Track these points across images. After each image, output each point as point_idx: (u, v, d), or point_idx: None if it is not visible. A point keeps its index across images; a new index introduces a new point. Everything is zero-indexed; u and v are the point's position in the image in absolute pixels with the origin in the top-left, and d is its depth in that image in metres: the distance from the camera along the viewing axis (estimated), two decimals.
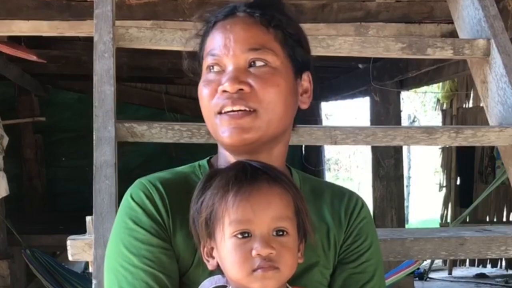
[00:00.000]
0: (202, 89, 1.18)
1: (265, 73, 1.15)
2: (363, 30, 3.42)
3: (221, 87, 1.14)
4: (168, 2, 3.21)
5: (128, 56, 5.26)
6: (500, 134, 1.90)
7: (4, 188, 4.81)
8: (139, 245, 1.13)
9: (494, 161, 7.36)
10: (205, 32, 1.23)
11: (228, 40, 1.16)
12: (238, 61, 1.15)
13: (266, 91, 1.14)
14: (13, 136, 5.52)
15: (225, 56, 1.16)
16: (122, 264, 1.13)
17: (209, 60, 1.18)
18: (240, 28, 1.17)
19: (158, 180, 1.19)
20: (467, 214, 6.47)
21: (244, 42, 1.15)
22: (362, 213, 1.25)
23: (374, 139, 1.87)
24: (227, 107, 1.14)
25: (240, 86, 1.13)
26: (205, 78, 1.18)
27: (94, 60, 1.81)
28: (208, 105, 1.17)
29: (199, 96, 1.20)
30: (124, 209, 1.18)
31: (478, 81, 2.15)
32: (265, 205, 1.06)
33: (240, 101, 1.13)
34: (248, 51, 1.15)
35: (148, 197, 1.17)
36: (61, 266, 4.98)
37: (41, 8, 3.21)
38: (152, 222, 1.14)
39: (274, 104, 1.15)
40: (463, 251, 1.72)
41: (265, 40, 1.16)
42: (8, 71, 5.77)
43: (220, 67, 1.16)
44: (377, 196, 5.60)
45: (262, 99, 1.14)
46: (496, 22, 2.10)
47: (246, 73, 1.15)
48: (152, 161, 6.98)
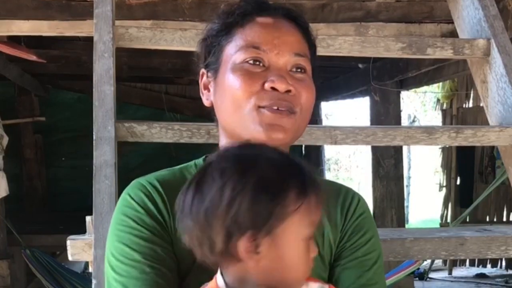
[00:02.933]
0: (237, 77, 1.15)
1: (305, 79, 1.18)
2: (363, 30, 3.42)
3: (270, 83, 1.14)
4: (168, 2, 3.21)
5: (128, 56, 5.26)
6: (500, 134, 1.90)
7: (4, 188, 4.81)
8: (141, 242, 1.11)
9: (494, 161, 7.37)
10: (233, 21, 1.20)
11: (277, 39, 1.16)
12: (285, 62, 1.16)
13: (306, 96, 1.17)
14: (13, 136, 5.52)
15: (272, 53, 1.16)
16: (122, 260, 1.11)
17: (250, 53, 1.16)
18: (287, 30, 1.19)
19: (156, 180, 1.18)
20: (467, 214, 6.47)
21: (292, 46, 1.17)
22: (359, 210, 1.24)
23: (374, 139, 1.87)
24: (274, 105, 1.14)
25: (289, 88, 1.14)
26: (242, 67, 1.16)
27: (94, 60, 1.81)
28: (244, 95, 1.15)
29: (227, 83, 1.16)
30: (123, 209, 1.16)
31: (478, 81, 2.15)
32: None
33: (286, 102, 1.14)
34: (294, 55, 1.17)
35: (148, 197, 1.16)
36: (61, 266, 4.98)
37: (41, 8, 3.21)
38: (154, 223, 1.13)
39: (308, 110, 1.19)
40: (463, 251, 1.72)
41: (305, 48, 1.20)
42: (8, 71, 5.77)
43: (262, 63, 1.16)
44: (377, 196, 5.60)
45: (302, 104, 1.17)
46: (496, 22, 2.10)
47: (290, 76, 1.16)
48: (152, 161, 6.97)
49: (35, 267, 4.83)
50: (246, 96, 1.14)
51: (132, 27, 1.98)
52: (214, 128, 1.75)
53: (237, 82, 1.15)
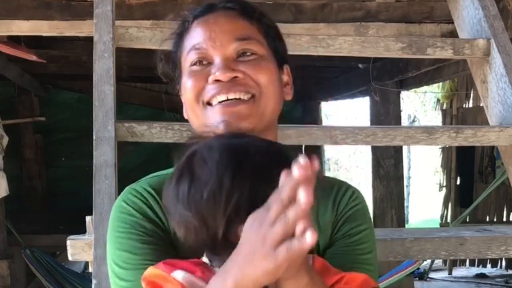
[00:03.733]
0: (186, 81, 1.16)
1: (256, 60, 1.16)
2: (363, 30, 3.42)
3: (212, 76, 1.13)
4: (168, 2, 3.21)
5: (128, 56, 5.26)
6: (500, 134, 1.90)
7: (4, 188, 4.81)
8: (143, 246, 1.10)
9: (494, 161, 7.37)
10: (182, 30, 1.22)
11: (214, 32, 1.15)
12: (226, 51, 1.15)
13: (260, 75, 1.14)
14: (13, 136, 5.52)
15: (211, 48, 1.15)
16: (123, 266, 1.10)
17: (193, 55, 1.16)
18: (225, 20, 1.17)
19: (148, 185, 1.17)
20: (467, 214, 6.47)
21: (231, 33, 1.15)
22: (352, 202, 1.20)
23: (374, 139, 1.87)
24: (220, 96, 1.12)
25: (234, 74, 1.13)
26: (190, 71, 1.16)
27: (94, 60, 1.81)
28: (195, 97, 1.15)
29: (183, 91, 1.18)
30: (119, 216, 1.14)
31: (478, 81, 2.15)
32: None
33: (236, 88, 1.12)
34: (236, 40, 1.15)
35: (144, 202, 1.14)
36: (61, 266, 4.98)
37: (41, 8, 3.21)
38: (154, 227, 1.12)
39: (269, 87, 1.15)
40: (463, 251, 1.72)
41: (251, 31, 1.17)
42: (8, 71, 5.77)
43: (207, 60, 1.16)
44: (377, 196, 5.60)
45: (258, 83, 1.14)
46: (496, 22, 2.10)
47: (236, 62, 1.14)
48: (152, 161, 6.97)
49: (35, 267, 4.84)
50: (194, 96, 1.15)
51: (132, 27, 1.98)
52: None
53: (187, 86, 1.17)
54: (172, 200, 1.00)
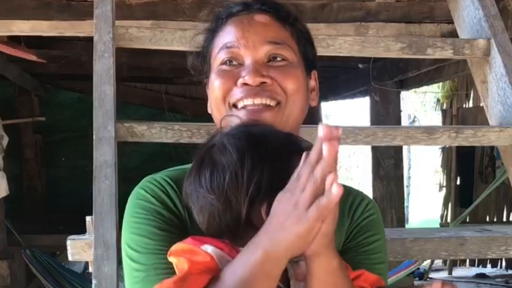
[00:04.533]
0: (214, 80, 1.16)
1: (286, 67, 1.15)
2: (363, 30, 3.42)
3: (241, 79, 1.13)
4: (168, 2, 3.21)
5: (128, 56, 5.26)
6: (500, 134, 1.90)
7: (4, 188, 4.82)
8: (159, 232, 1.10)
9: (494, 161, 7.36)
10: (215, 27, 1.21)
11: (247, 33, 1.15)
12: (257, 54, 1.15)
13: (288, 82, 1.14)
14: (13, 136, 5.53)
15: (243, 48, 1.15)
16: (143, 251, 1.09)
17: (224, 54, 1.16)
18: (259, 22, 1.17)
19: (167, 177, 1.18)
20: (467, 214, 6.47)
21: (264, 35, 1.15)
22: (367, 212, 1.22)
23: (374, 139, 1.87)
24: (246, 101, 1.13)
25: (263, 79, 1.13)
26: (219, 69, 1.16)
27: (94, 60, 1.81)
28: (222, 97, 1.15)
29: (210, 89, 1.18)
30: (138, 201, 1.14)
31: (478, 81, 2.15)
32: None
33: (263, 93, 1.12)
34: (268, 44, 1.15)
35: (163, 191, 1.15)
36: (61, 266, 4.98)
37: (41, 8, 3.22)
38: (171, 215, 1.12)
39: (296, 96, 1.15)
40: (463, 251, 1.72)
41: (284, 36, 1.17)
42: (8, 71, 5.77)
43: (237, 61, 1.15)
44: (377, 196, 5.60)
45: (285, 90, 1.14)
46: (496, 22, 2.10)
47: (266, 67, 1.14)
48: (152, 161, 6.97)
49: (35, 267, 4.84)
50: (221, 96, 1.15)
51: (132, 27, 1.98)
52: (214, 128, 1.76)
53: (215, 83, 1.16)
54: (194, 187, 1.02)
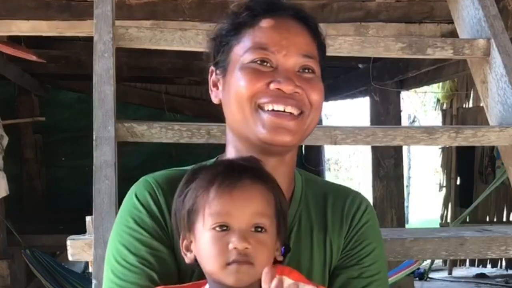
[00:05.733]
0: (242, 76, 1.15)
1: (313, 80, 1.18)
2: (363, 30, 3.42)
3: (275, 84, 1.13)
4: (168, 2, 3.21)
5: (128, 56, 5.27)
6: (500, 134, 1.90)
7: (4, 188, 4.81)
8: (139, 246, 1.13)
9: (494, 161, 7.36)
10: (246, 20, 1.19)
11: (286, 40, 1.16)
12: (291, 63, 1.16)
13: (315, 94, 1.17)
14: (13, 136, 5.52)
15: (278, 53, 1.15)
16: (120, 261, 1.13)
17: (257, 54, 1.16)
18: (295, 31, 1.18)
19: (164, 179, 1.19)
20: (467, 214, 6.47)
21: (300, 47, 1.17)
22: (365, 217, 1.23)
23: (374, 139, 1.87)
24: (277, 106, 1.13)
25: (296, 89, 1.14)
26: (249, 67, 1.15)
27: (94, 60, 1.81)
28: (249, 96, 1.14)
29: (233, 81, 1.17)
30: (128, 207, 1.17)
31: (478, 81, 2.15)
32: (246, 200, 1.06)
33: (293, 102, 1.14)
34: (302, 56, 1.17)
35: (153, 198, 1.16)
36: (61, 266, 4.98)
37: (41, 8, 3.22)
38: (155, 225, 1.14)
39: (317, 110, 1.18)
40: (463, 251, 1.72)
41: (313, 49, 1.20)
42: (8, 71, 5.77)
43: (270, 63, 1.15)
44: (377, 196, 5.60)
45: (311, 102, 1.16)
46: (496, 22, 2.10)
47: (297, 77, 1.16)
48: (152, 161, 6.97)
49: (35, 267, 4.84)
50: (248, 94, 1.14)
51: (132, 27, 1.98)
52: (214, 128, 1.76)
53: (243, 80, 1.15)
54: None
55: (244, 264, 1.03)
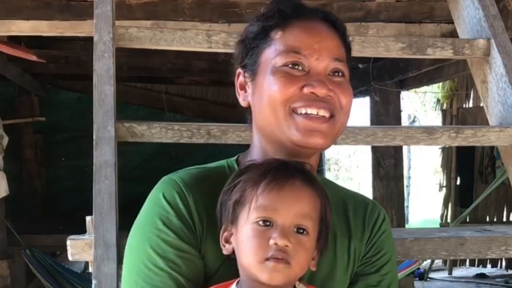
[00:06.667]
0: (277, 79, 1.15)
1: (344, 84, 1.19)
2: (363, 30, 3.42)
3: (309, 88, 1.14)
4: (168, 2, 3.21)
5: (128, 56, 5.27)
6: (500, 134, 1.90)
7: (4, 188, 4.81)
8: (166, 248, 1.12)
9: (494, 161, 7.36)
10: (277, 22, 1.19)
11: (318, 44, 1.16)
12: (323, 66, 1.17)
13: (345, 98, 1.18)
14: (13, 136, 5.53)
15: (311, 57, 1.16)
16: (146, 264, 1.12)
17: (290, 58, 1.16)
18: (326, 35, 1.19)
19: (190, 179, 1.18)
20: (467, 214, 6.47)
21: (332, 51, 1.18)
22: (384, 226, 1.27)
23: (374, 139, 1.87)
24: (310, 110, 1.14)
25: (329, 93, 1.15)
26: (282, 70, 1.15)
27: (94, 60, 1.81)
28: (284, 100, 1.15)
29: (266, 85, 1.16)
30: (154, 207, 1.16)
31: (478, 81, 2.15)
32: (294, 199, 1.07)
33: (326, 105, 1.15)
34: (334, 60, 1.18)
35: (181, 197, 1.15)
36: (61, 266, 4.99)
37: (41, 8, 3.22)
38: (183, 225, 1.13)
39: (347, 113, 1.20)
40: (463, 251, 1.72)
41: (343, 53, 1.21)
42: (8, 71, 5.77)
43: (302, 66, 1.16)
44: (377, 196, 5.60)
45: (342, 108, 1.18)
46: (496, 22, 2.10)
47: (329, 81, 1.17)
48: (152, 161, 6.97)
49: (35, 267, 4.84)
50: (283, 97, 1.15)
51: (132, 27, 1.98)
52: (214, 128, 1.76)
53: (276, 84, 1.15)
54: None
55: (282, 262, 1.03)
